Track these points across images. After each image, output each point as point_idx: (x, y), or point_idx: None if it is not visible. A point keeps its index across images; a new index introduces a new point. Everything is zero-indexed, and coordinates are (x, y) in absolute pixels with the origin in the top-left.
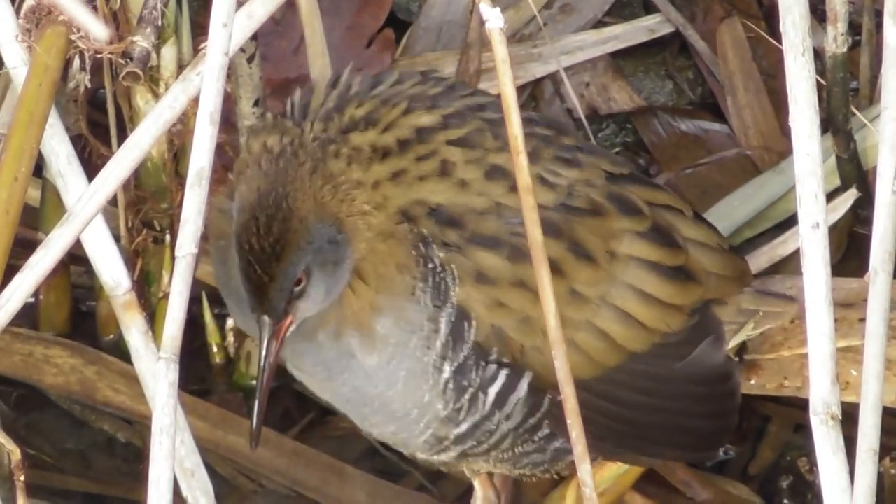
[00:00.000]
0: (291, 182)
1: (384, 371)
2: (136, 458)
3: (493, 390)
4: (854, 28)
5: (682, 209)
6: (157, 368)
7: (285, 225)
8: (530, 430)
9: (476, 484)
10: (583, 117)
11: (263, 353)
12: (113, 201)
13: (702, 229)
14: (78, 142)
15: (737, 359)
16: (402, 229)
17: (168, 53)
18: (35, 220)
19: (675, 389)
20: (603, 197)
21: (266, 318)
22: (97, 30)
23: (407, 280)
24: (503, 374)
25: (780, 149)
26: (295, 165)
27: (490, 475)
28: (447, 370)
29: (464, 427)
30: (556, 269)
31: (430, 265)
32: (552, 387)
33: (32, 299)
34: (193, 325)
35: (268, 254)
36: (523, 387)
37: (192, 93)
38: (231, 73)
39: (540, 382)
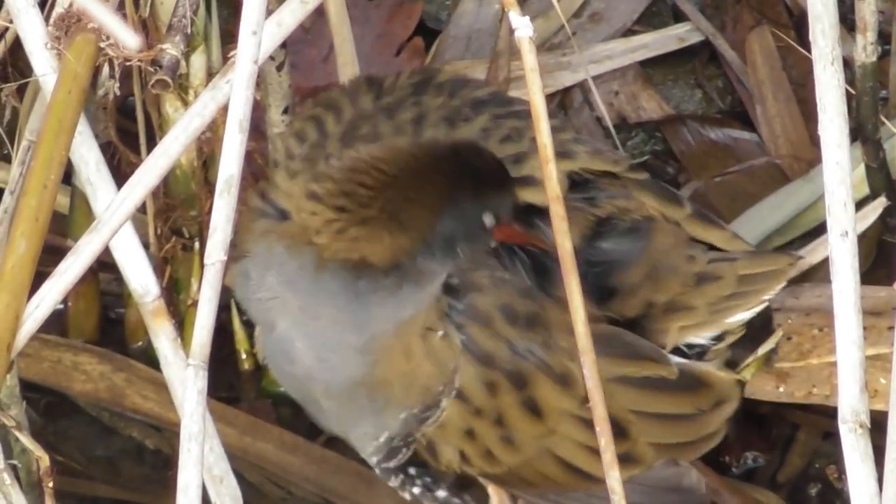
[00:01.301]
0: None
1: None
2: (164, 465)
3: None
4: (884, 37)
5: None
6: (185, 375)
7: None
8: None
9: (490, 491)
10: (611, 126)
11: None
12: (142, 209)
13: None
14: (107, 149)
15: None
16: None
17: (197, 61)
18: (64, 227)
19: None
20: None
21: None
22: (127, 38)
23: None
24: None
25: (809, 157)
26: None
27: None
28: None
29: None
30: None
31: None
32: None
33: (61, 306)
34: (222, 332)
35: (474, 147)
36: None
37: (221, 101)
38: (260, 82)
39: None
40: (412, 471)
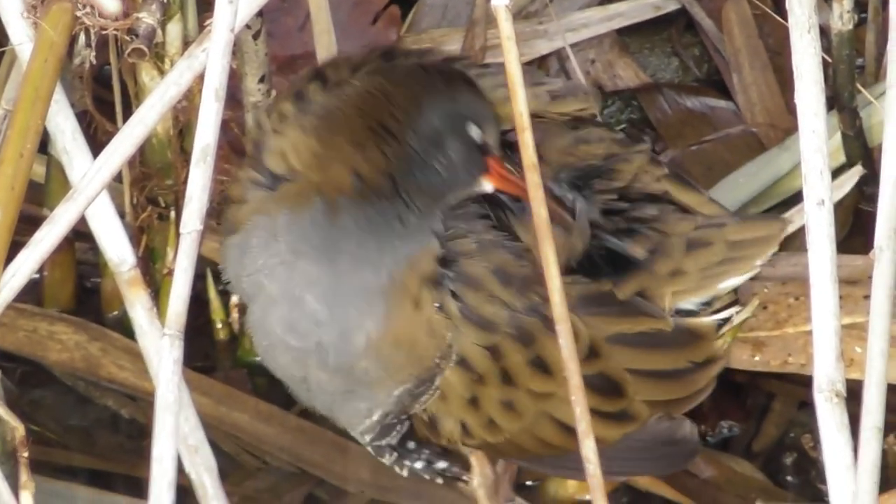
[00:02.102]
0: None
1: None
2: (139, 435)
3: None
4: (860, 5)
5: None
6: (161, 345)
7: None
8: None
9: (473, 461)
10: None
11: (513, 169)
12: (118, 178)
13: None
14: (83, 118)
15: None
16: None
17: (173, 30)
18: (40, 196)
19: (614, 450)
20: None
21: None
22: (105, 5)
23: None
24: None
25: (785, 126)
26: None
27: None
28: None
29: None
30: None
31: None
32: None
33: (37, 275)
34: (198, 302)
35: (469, 78)
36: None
37: (197, 69)
38: (236, 50)
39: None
40: (411, 445)
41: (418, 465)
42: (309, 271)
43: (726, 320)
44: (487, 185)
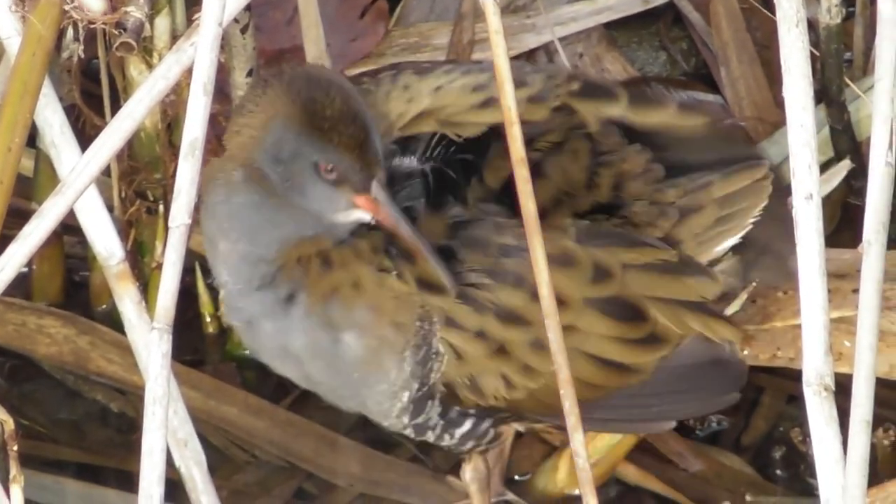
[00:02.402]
0: (309, 70)
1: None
2: (129, 429)
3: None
4: None
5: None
6: (150, 339)
7: (337, 85)
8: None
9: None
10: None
11: (394, 210)
12: (106, 172)
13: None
14: (71, 112)
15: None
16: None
17: (162, 24)
18: (28, 190)
19: (658, 382)
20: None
21: (377, 182)
22: (90, 4)
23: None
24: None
25: (773, 120)
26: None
27: (485, 451)
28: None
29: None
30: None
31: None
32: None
33: (26, 269)
34: (187, 296)
35: (349, 113)
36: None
37: (185, 63)
38: (225, 44)
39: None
40: (454, 413)
41: (466, 426)
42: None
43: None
44: (365, 215)
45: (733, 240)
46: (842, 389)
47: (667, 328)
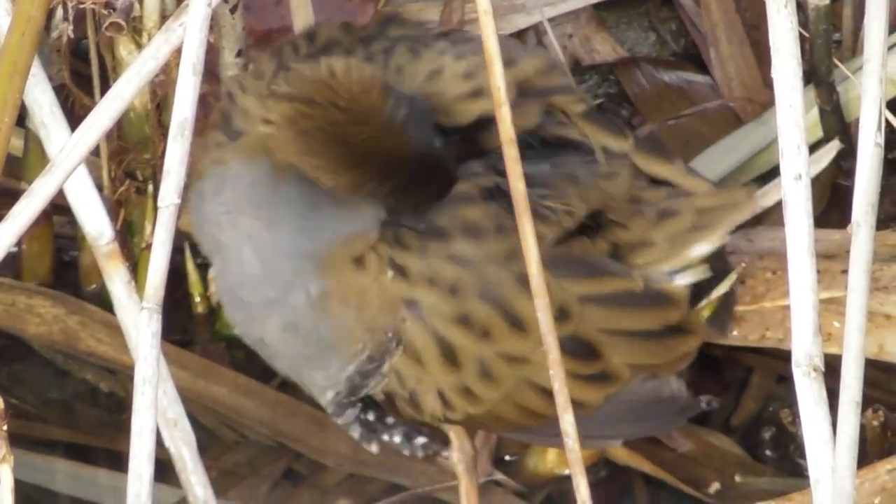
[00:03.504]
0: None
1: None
2: (118, 408)
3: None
4: None
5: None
6: (139, 318)
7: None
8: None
9: (452, 435)
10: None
11: None
12: (96, 151)
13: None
14: (61, 92)
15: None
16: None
17: (151, 4)
18: (18, 169)
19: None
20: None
21: None
22: None
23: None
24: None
25: (762, 100)
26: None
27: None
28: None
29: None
30: (486, 334)
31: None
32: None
33: (15, 249)
34: (176, 275)
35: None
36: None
37: (174, 43)
38: (214, 24)
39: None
40: (390, 420)
41: (396, 439)
42: (248, 226)
43: (700, 290)
44: None
45: (705, 247)
46: (831, 370)
47: (620, 366)
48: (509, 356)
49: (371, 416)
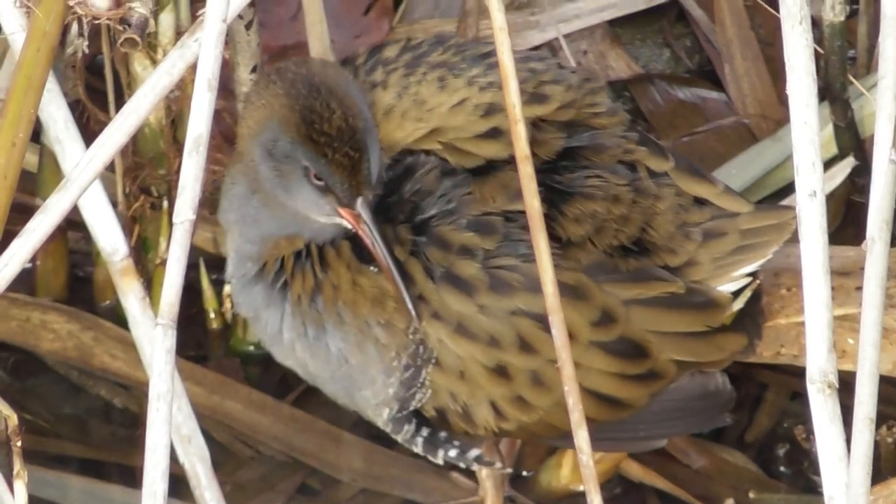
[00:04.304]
0: (316, 73)
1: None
2: (132, 424)
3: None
4: None
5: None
6: (154, 334)
7: (338, 97)
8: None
9: (482, 450)
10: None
11: (375, 231)
12: (110, 167)
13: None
14: (76, 107)
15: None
16: None
17: (166, 20)
18: (33, 185)
19: (648, 413)
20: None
21: (362, 200)
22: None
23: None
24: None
25: (777, 117)
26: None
27: (496, 441)
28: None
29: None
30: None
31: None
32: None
33: (30, 265)
34: (190, 292)
35: (346, 130)
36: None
37: (189, 59)
38: (229, 40)
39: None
40: (442, 435)
41: (452, 453)
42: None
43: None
44: (346, 224)
45: (750, 267)
46: (845, 387)
47: (667, 363)
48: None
49: (425, 433)
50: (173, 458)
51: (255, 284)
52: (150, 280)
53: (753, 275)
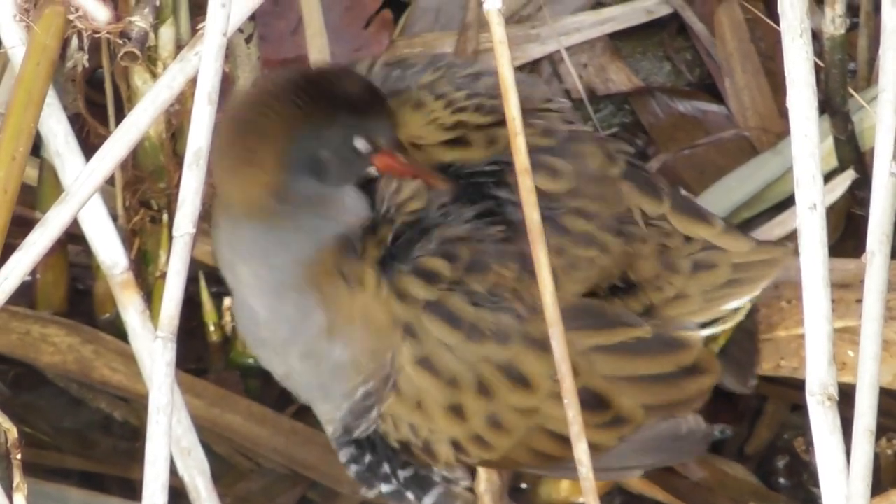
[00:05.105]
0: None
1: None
2: (133, 437)
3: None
4: (852, 9)
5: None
6: (154, 347)
7: (342, 68)
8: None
9: (479, 467)
10: (585, 98)
11: (406, 160)
12: (111, 181)
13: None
14: (76, 121)
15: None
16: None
17: (166, 33)
18: (33, 199)
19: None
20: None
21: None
22: (96, 10)
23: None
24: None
25: (777, 130)
26: None
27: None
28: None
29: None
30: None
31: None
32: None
33: (30, 278)
34: (190, 305)
35: (342, 72)
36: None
37: (190, 73)
38: (229, 54)
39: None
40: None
41: (388, 488)
42: (240, 270)
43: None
44: (373, 171)
45: (739, 302)
46: (845, 399)
47: (633, 409)
48: (518, 409)
49: (367, 460)
50: (173, 470)
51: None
52: (150, 293)
53: (737, 309)
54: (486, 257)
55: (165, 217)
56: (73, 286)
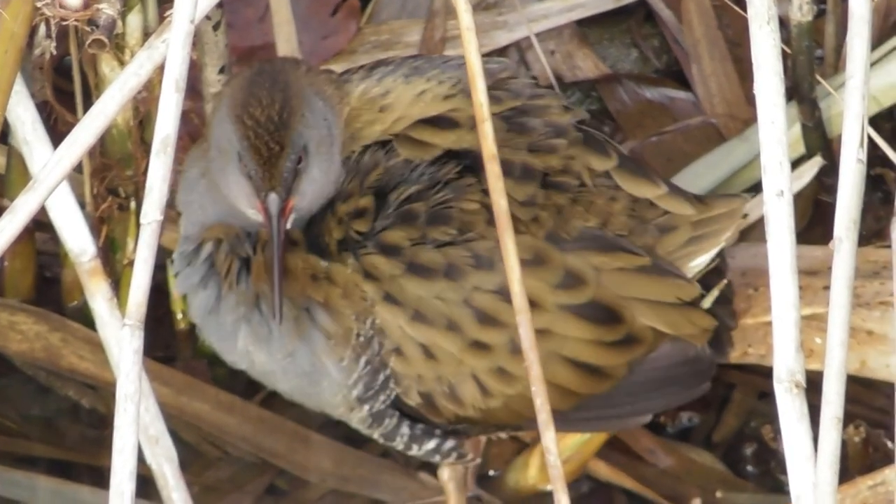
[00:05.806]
0: (282, 69)
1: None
2: (100, 425)
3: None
4: None
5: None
6: (121, 335)
7: (286, 93)
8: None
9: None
10: (554, 83)
11: (275, 228)
12: (78, 168)
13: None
14: (43, 109)
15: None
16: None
17: (133, 21)
18: (0, 187)
19: (630, 385)
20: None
21: (274, 196)
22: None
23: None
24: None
25: (744, 117)
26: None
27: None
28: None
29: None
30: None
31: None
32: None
33: None
34: (158, 292)
35: (275, 122)
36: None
37: (157, 60)
38: (197, 41)
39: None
40: (419, 429)
41: (430, 444)
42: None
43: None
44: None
45: (704, 258)
46: (813, 386)
47: (643, 328)
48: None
49: (406, 426)
50: (141, 458)
51: (189, 263)
52: (118, 281)
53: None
54: (445, 203)
55: (133, 205)
56: (40, 274)
